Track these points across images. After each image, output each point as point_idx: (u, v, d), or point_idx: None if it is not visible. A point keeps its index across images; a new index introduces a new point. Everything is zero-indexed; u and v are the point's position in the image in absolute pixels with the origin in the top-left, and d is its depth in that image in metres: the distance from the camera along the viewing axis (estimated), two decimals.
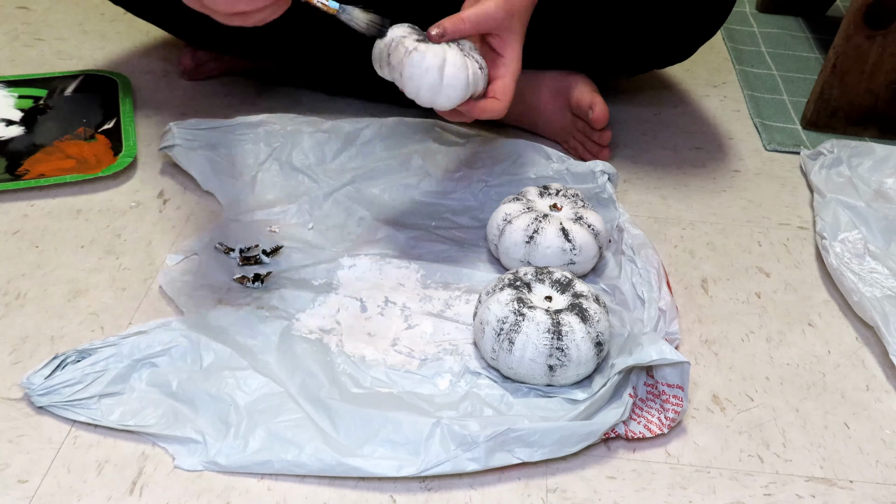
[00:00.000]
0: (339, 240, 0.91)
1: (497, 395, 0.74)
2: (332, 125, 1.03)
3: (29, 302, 0.82)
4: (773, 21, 1.49)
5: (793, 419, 0.76)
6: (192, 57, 1.16)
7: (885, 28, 1.09)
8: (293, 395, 0.71)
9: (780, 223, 1.01)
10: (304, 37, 1.08)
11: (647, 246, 0.86)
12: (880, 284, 0.88)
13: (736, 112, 1.23)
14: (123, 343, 0.74)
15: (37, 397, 0.70)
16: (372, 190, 0.98)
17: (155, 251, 0.89)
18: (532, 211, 0.86)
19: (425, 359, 0.78)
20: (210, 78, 1.19)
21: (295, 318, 0.80)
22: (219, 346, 0.75)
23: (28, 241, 0.89)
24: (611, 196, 0.94)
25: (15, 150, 1.01)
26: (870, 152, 1.08)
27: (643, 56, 1.09)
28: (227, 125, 1.01)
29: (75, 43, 1.26)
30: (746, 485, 0.70)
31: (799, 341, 0.85)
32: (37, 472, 0.66)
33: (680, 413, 0.72)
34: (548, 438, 0.68)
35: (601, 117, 1.01)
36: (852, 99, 1.15)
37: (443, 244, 0.91)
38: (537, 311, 0.73)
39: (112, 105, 1.09)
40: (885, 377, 0.81)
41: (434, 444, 0.67)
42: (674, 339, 0.80)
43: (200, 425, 0.69)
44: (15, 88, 1.12)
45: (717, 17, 1.04)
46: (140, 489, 0.66)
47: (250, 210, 0.94)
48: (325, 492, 0.67)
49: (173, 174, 1.00)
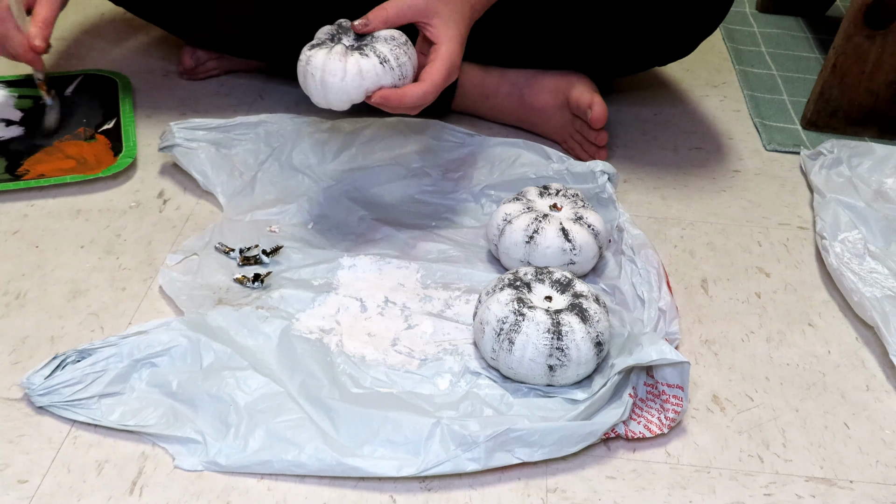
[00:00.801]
0: (339, 240, 0.91)
1: (497, 395, 0.74)
2: (332, 125, 1.03)
3: (29, 302, 0.82)
4: (773, 21, 1.49)
5: (793, 419, 0.76)
6: (191, 56, 1.16)
7: (885, 28, 1.09)
8: (293, 395, 0.71)
9: (780, 223, 1.01)
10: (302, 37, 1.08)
11: (647, 246, 0.86)
12: (880, 284, 0.88)
13: (736, 112, 1.23)
14: (123, 343, 0.74)
15: (37, 397, 0.70)
16: (372, 190, 0.98)
17: (155, 251, 0.89)
18: (532, 211, 0.86)
19: (425, 359, 0.78)
20: (210, 77, 1.19)
21: (295, 318, 0.80)
22: (219, 345, 0.75)
23: (28, 241, 0.89)
24: (611, 196, 0.94)
25: (15, 150, 1.01)
26: (870, 152, 1.08)
27: (644, 53, 1.09)
28: (227, 125, 1.01)
29: (75, 43, 1.26)
30: (746, 485, 0.70)
31: (799, 341, 0.85)
32: (37, 472, 0.66)
33: (680, 413, 0.72)
34: (548, 438, 0.68)
35: (599, 117, 1.01)
36: (852, 99, 1.15)
37: (443, 244, 0.91)
38: (537, 311, 0.73)
39: (112, 105, 1.09)
40: (885, 377, 0.81)
41: (434, 444, 0.67)
42: (674, 340, 0.80)
43: (200, 425, 0.69)
44: (15, 88, 1.12)
45: (717, 13, 1.04)
46: (140, 489, 0.66)
47: (250, 210, 0.94)
48: (325, 492, 0.67)
49: (173, 174, 1.00)
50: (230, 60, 1.18)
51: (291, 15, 1.06)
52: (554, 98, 1.06)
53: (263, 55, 1.15)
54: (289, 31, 1.07)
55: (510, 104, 1.09)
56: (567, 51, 1.06)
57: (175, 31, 1.15)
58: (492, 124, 1.12)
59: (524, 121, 1.10)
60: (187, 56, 1.16)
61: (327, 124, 1.03)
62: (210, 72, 1.18)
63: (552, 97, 1.06)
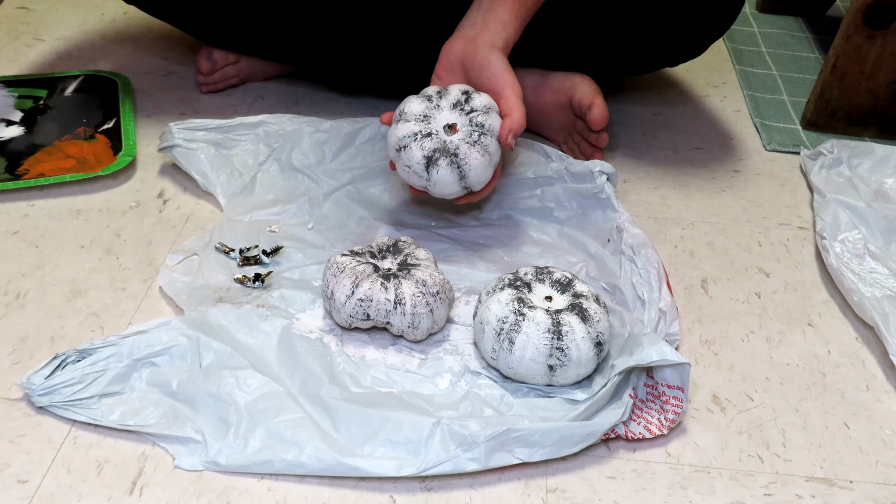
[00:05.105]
0: (339, 240, 0.91)
1: (497, 395, 0.74)
2: (332, 125, 1.03)
3: (29, 302, 0.82)
4: (773, 21, 1.49)
5: (793, 419, 0.76)
6: (208, 58, 1.13)
7: (885, 28, 1.09)
8: (293, 395, 0.71)
9: (780, 223, 1.01)
10: (321, 36, 1.08)
11: (647, 246, 0.86)
12: (880, 284, 0.88)
13: (736, 112, 1.23)
14: (123, 343, 0.74)
15: (37, 397, 0.70)
16: (372, 190, 0.98)
17: (155, 251, 0.89)
18: (432, 136, 0.83)
19: (425, 358, 0.78)
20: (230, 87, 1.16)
21: (295, 317, 0.80)
22: (219, 345, 0.75)
23: (28, 241, 0.89)
24: (609, 196, 0.94)
25: (15, 150, 1.01)
26: (870, 152, 1.08)
27: (656, 54, 1.09)
28: (227, 125, 1.01)
29: (75, 43, 1.26)
30: (746, 485, 0.70)
31: (799, 341, 0.85)
32: (37, 472, 0.66)
33: (680, 414, 0.72)
34: (548, 439, 0.68)
35: (599, 118, 1.01)
36: (852, 99, 1.15)
37: (443, 244, 0.91)
38: (537, 310, 0.73)
39: (112, 105, 1.09)
40: (885, 377, 0.81)
41: (434, 443, 0.67)
42: (674, 340, 0.80)
43: (200, 425, 0.69)
44: (15, 88, 1.12)
45: (727, 15, 1.04)
46: (140, 489, 0.66)
47: (250, 210, 0.94)
48: (325, 492, 0.67)
49: (173, 174, 1.00)
50: (248, 67, 1.16)
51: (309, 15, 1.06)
52: (557, 99, 1.06)
53: (280, 55, 1.14)
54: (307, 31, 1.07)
55: None
56: (578, 51, 1.06)
57: (190, 30, 1.14)
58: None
59: (528, 121, 1.10)
60: (203, 59, 1.13)
61: (327, 124, 1.03)
62: (229, 80, 1.16)
63: (555, 98, 1.07)
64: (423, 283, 0.77)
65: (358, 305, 0.76)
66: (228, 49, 1.14)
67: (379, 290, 0.76)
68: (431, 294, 0.77)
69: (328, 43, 1.09)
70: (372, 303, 0.76)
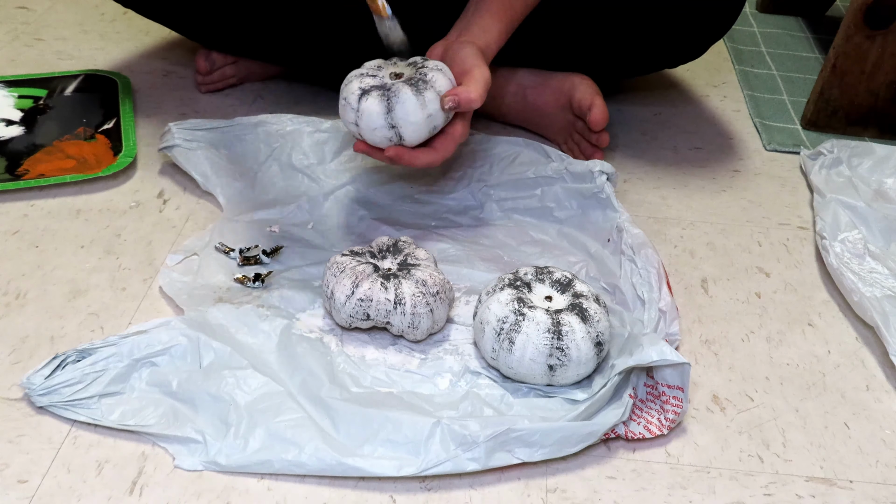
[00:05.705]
0: (339, 240, 0.91)
1: (497, 395, 0.74)
2: (332, 125, 1.03)
3: (29, 302, 0.82)
4: (773, 21, 1.49)
5: (793, 419, 0.76)
6: (206, 59, 1.13)
7: (885, 28, 1.09)
8: (293, 395, 0.71)
9: (780, 223, 1.01)
10: (316, 38, 1.08)
11: (646, 246, 0.86)
12: (880, 284, 0.88)
13: (736, 112, 1.23)
14: (123, 343, 0.74)
15: (37, 397, 0.70)
16: (372, 190, 0.98)
17: (155, 251, 0.89)
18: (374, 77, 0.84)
19: (425, 358, 0.78)
20: (229, 87, 1.17)
21: (295, 317, 0.80)
22: (219, 344, 0.75)
23: (28, 241, 0.89)
24: (609, 196, 0.94)
25: (15, 150, 1.01)
26: (870, 152, 1.08)
27: (656, 55, 1.09)
28: (227, 125, 1.01)
29: (75, 43, 1.26)
30: (746, 485, 0.70)
31: (799, 341, 0.85)
32: (37, 472, 0.66)
33: (680, 414, 0.72)
34: (548, 438, 0.68)
35: (599, 119, 1.01)
36: (852, 99, 1.15)
37: (443, 244, 0.91)
38: (537, 310, 0.73)
39: (112, 105, 1.09)
40: (885, 377, 0.81)
41: (434, 443, 0.67)
42: (674, 341, 0.80)
43: (200, 425, 0.69)
44: (15, 88, 1.12)
45: (728, 15, 1.04)
46: (140, 489, 0.66)
47: (250, 210, 0.94)
48: (325, 492, 0.67)
49: (173, 174, 1.00)
50: (247, 66, 1.16)
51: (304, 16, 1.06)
52: (556, 99, 1.06)
53: (276, 57, 1.14)
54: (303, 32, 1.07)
55: (515, 104, 1.10)
56: (578, 51, 1.06)
57: (187, 33, 1.14)
58: (495, 123, 1.12)
59: (528, 121, 1.10)
60: (201, 59, 1.13)
61: (327, 124, 1.03)
62: (228, 80, 1.16)
63: (555, 98, 1.07)
64: (423, 283, 0.77)
65: (358, 305, 0.76)
66: (224, 51, 1.14)
67: (379, 290, 0.76)
68: (431, 294, 0.77)
69: (323, 45, 1.09)
70: (372, 303, 0.76)
